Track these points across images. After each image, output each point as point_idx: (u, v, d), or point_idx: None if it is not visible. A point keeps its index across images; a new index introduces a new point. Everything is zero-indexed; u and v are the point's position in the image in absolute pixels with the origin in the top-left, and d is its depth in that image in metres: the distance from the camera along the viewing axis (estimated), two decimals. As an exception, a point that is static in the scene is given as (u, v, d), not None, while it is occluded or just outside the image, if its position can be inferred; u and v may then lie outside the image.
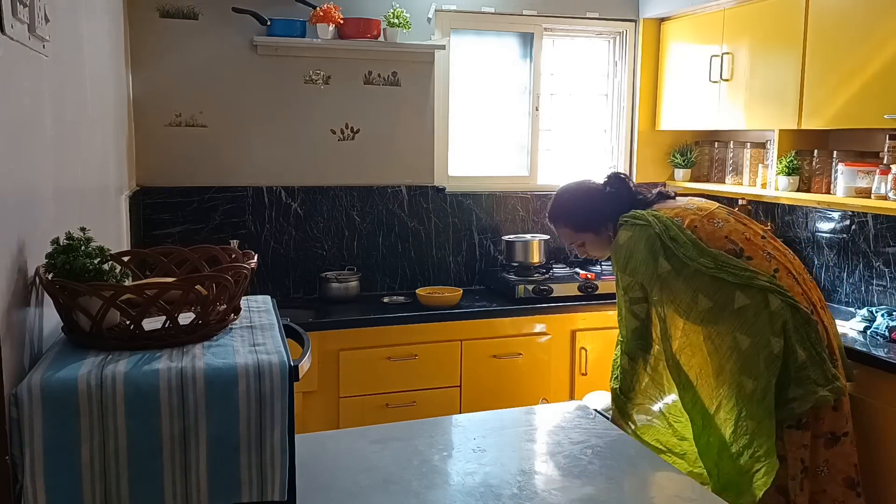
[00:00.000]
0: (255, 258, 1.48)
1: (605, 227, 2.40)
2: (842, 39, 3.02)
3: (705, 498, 1.56)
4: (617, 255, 2.28)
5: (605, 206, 2.40)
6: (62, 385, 1.13)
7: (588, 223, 2.43)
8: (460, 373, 3.39)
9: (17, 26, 1.22)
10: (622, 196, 2.40)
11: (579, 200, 2.47)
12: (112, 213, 2.48)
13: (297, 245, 3.65)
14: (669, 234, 2.18)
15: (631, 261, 2.23)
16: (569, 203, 2.49)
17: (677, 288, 2.16)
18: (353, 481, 1.59)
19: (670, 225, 2.20)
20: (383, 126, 3.73)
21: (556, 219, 2.51)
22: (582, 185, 2.53)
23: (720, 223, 2.23)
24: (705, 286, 2.13)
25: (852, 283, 3.37)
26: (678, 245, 2.16)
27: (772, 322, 2.08)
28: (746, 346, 2.09)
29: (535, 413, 2.07)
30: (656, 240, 2.19)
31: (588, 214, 2.42)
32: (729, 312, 2.12)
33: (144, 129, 3.38)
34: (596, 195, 2.45)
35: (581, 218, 2.44)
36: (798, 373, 2.08)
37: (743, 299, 2.10)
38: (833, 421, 2.15)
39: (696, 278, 2.14)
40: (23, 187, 1.27)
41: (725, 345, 2.13)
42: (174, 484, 1.18)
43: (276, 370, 1.22)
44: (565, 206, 2.49)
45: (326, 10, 3.42)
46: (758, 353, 2.08)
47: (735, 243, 2.18)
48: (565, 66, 4.15)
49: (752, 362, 2.09)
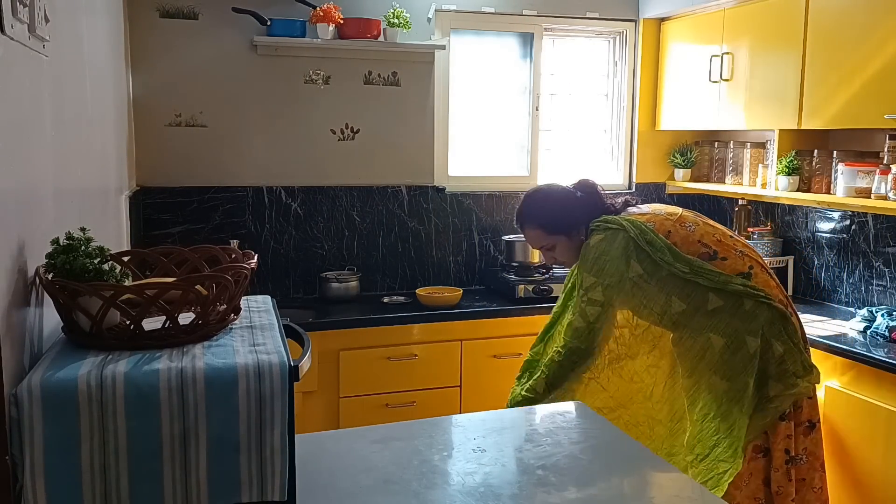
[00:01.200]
0: (255, 258, 1.48)
1: (577, 231, 2.34)
2: (842, 39, 3.02)
3: (705, 498, 1.56)
4: (585, 254, 2.24)
5: (577, 209, 2.35)
6: (62, 385, 1.13)
7: (561, 226, 2.35)
8: (460, 373, 3.39)
9: (17, 26, 1.22)
10: (593, 202, 2.37)
11: (552, 202, 2.41)
12: (112, 213, 2.48)
13: (297, 245, 3.65)
14: (645, 237, 2.17)
15: (598, 261, 2.20)
16: (542, 204, 2.41)
17: (650, 291, 2.16)
18: (353, 481, 1.59)
19: (645, 229, 2.19)
20: (383, 126, 3.73)
21: (528, 219, 2.42)
22: (553, 187, 2.48)
23: (691, 227, 2.24)
24: (678, 289, 2.15)
25: (852, 283, 3.37)
26: (655, 249, 2.15)
27: (747, 322, 2.10)
28: (720, 346, 2.12)
29: (535, 413, 2.07)
30: (630, 243, 2.18)
31: (561, 217, 2.35)
32: (702, 314, 2.14)
33: (144, 129, 3.38)
34: (569, 198, 2.39)
35: (554, 220, 2.36)
36: (777, 367, 2.11)
37: (717, 301, 2.12)
38: (810, 409, 2.19)
39: (670, 281, 2.15)
40: (23, 187, 1.27)
41: (697, 346, 2.15)
42: (174, 484, 1.18)
43: (276, 370, 1.22)
44: (538, 208, 2.41)
45: (326, 10, 3.42)
46: (733, 354, 2.11)
47: (708, 246, 2.19)
48: (565, 66, 4.15)
49: (727, 363, 2.11)
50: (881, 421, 2.62)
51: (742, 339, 2.10)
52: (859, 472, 2.71)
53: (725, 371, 2.12)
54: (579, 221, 2.33)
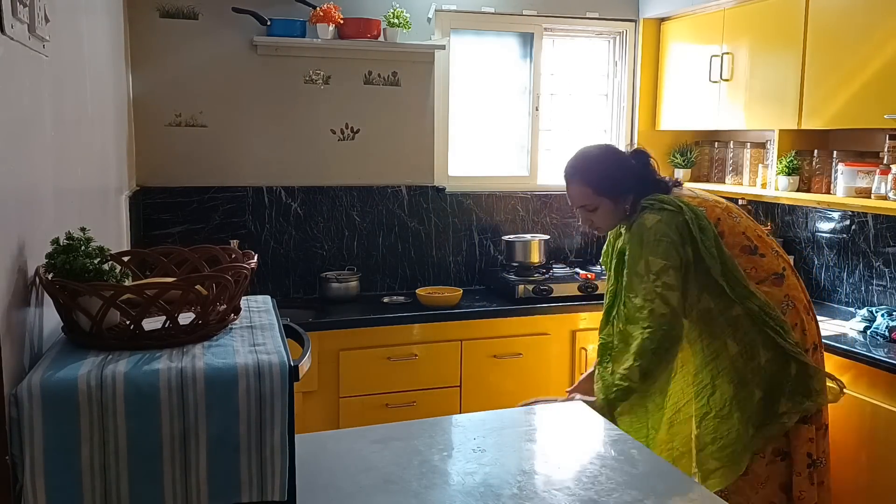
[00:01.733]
0: (255, 258, 1.48)
1: (623, 199, 2.24)
2: (842, 39, 3.02)
3: (706, 498, 1.56)
4: (643, 236, 2.13)
5: (630, 177, 2.25)
6: (62, 385, 1.13)
7: (610, 189, 2.23)
8: (460, 373, 3.39)
9: (17, 26, 1.22)
10: (646, 174, 2.27)
11: (608, 163, 2.29)
12: (112, 213, 2.48)
13: (297, 245, 3.65)
14: (700, 223, 2.11)
15: (661, 244, 2.10)
16: (596, 162, 2.30)
17: (689, 281, 2.12)
18: (353, 481, 1.59)
19: (699, 214, 2.13)
20: (383, 126, 3.73)
21: (579, 174, 2.29)
22: (610, 147, 2.39)
23: (737, 217, 2.21)
24: (710, 287, 2.12)
25: (852, 283, 3.37)
26: (706, 237, 2.10)
27: (763, 334, 2.09)
28: (735, 352, 2.12)
29: (535, 413, 2.07)
30: (685, 227, 2.11)
31: (613, 180, 2.24)
32: (725, 318, 2.13)
33: (144, 129, 3.38)
34: (625, 163, 2.29)
35: (605, 181, 2.24)
36: (791, 385, 2.10)
37: (739, 310, 2.11)
38: (827, 412, 2.22)
39: (706, 277, 2.12)
40: (23, 187, 1.27)
41: (714, 346, 2.15)
42: (174, 484, 1.18)
43: (276, 370, 1.22)
44: (590, 164, 2.29)
45: (326, 10, 3.42)
46: (746, 362, 2.11)
47: (750, 240, 2.17)
48: (565, 66, 4.15)
49: (738, 370, 2.11)
50: (881, 421, 2.62)
51: (756, 350, 2.09)
52: (859, 472, 2.71)
53: (734, 376, 2.11)
54: (629, 189, 2.23)
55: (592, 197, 2.26)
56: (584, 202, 2.28)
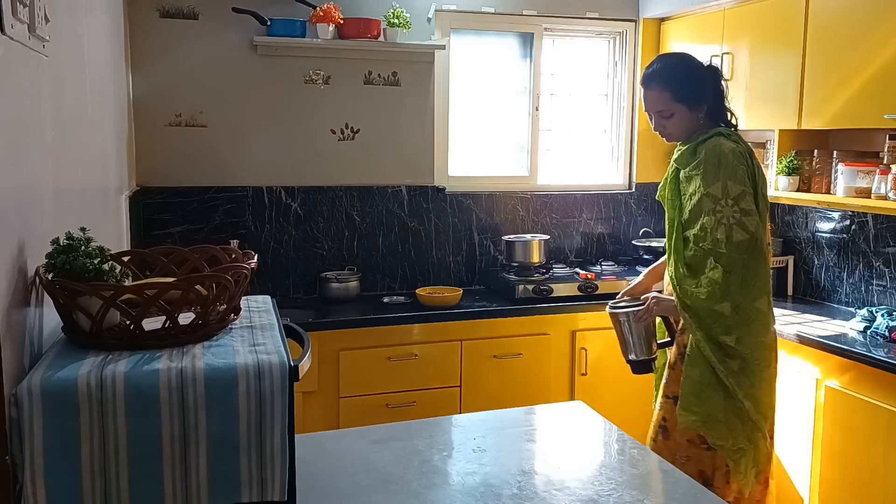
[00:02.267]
0: (255, 258, 1.48)
1: (699, 108, 2.34)
2: (842, 39, 3.02)
3: (707, 497, 1.56)
4: (723, 160, 2.23)
5: (707, 89, 2.36)
6: (62, 385, 1.13)
7: (689, 96, 2.33)
8: (460, 373, 3.39)
9: (17, 26, 1.22)
10: (719, 90, 2.40)
11: (690, 70, 2.39)
12: (112, 213, 2.48)
13: (297, 245, 3.65)
14: (755, 163, 2.29)
15: (739, 170, 2.22)
16: (679, 68, 2.39)
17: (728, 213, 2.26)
18: (352, 481, 1.59)
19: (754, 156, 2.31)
20: (383, 126, 3.73)
21: (660, 79, 2.36)
22: (689, 56, 2.47)
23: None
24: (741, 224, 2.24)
25: (852, 283, 3.37)
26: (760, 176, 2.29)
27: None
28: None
29: (535, 413, 2.07)
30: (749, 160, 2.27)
31: (693, 88, 2.34)
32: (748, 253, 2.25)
33: (144, 129, 3.38)
34: (705, 75, 2.39)
35: (686, 88, 2.34)
36: None
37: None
38: None
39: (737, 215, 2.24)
40: (23, 187, 1.27)
41: None
42: (174, 484, 1.18)
43: (276, 370, 1.22)
44: (675, 70, 2.38)
45: (326, 10, 3.42)
46: None
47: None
48: (565, 66, 4.15)
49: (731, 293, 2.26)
50: (881, 421, 2.62)
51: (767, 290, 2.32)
52: (859, 473, 2.71)
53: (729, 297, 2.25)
54: (705, 100, 2.35)
55: (670, 103, 2.34)
56: (662, 107, 2.36)
